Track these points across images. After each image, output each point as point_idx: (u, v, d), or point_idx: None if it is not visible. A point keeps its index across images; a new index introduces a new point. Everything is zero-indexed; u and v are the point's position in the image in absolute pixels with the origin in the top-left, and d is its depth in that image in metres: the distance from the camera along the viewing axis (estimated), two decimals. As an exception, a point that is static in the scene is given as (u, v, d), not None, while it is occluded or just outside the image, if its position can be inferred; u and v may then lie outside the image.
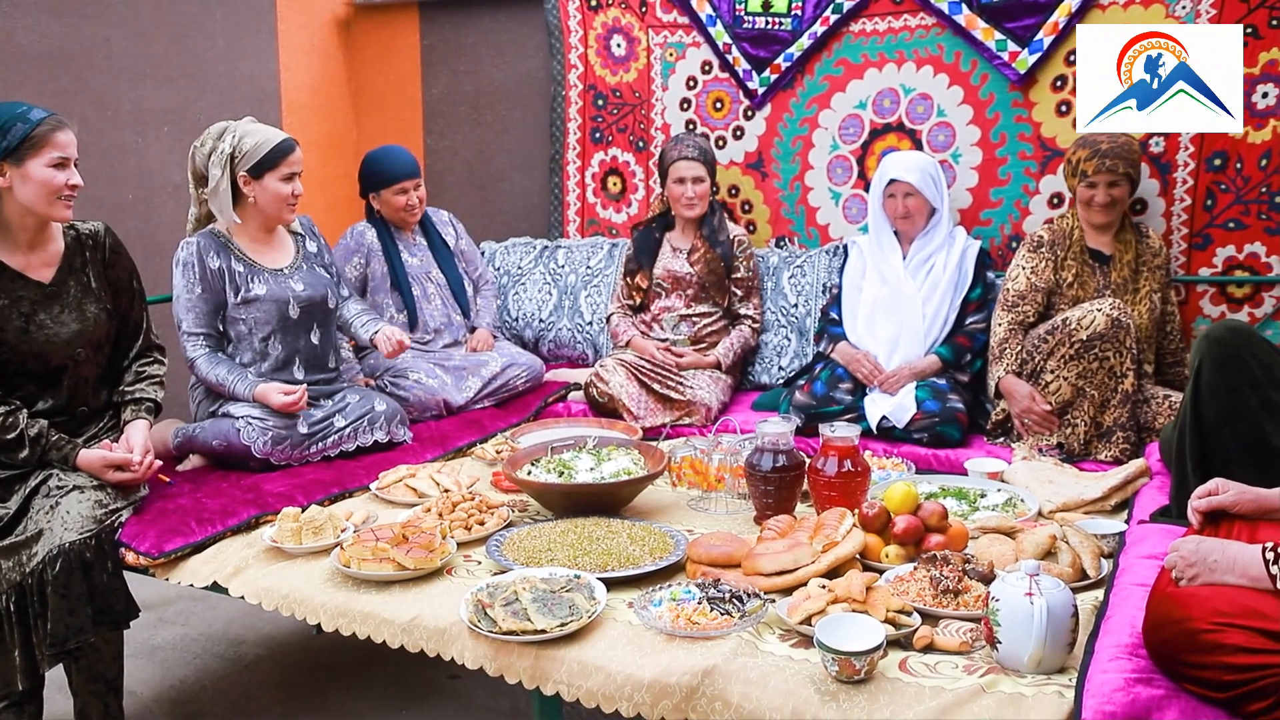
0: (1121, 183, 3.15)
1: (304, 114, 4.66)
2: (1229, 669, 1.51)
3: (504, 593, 2.06)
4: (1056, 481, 2.77)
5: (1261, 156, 3.28)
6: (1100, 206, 3.18)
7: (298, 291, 3.12)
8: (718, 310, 3.81)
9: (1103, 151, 3.14)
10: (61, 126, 2.57)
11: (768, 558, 2.15)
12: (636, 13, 4.21)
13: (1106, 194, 3.16)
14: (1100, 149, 3.15)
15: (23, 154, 2.51)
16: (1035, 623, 1.75)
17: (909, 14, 3.75)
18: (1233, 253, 3.39)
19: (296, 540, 2.42)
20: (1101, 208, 3.18)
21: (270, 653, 3.29)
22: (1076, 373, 2.99)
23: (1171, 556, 1.73)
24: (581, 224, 4.51)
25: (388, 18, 4.82)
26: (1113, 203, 3.18)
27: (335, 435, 3.04)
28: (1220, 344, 2.32)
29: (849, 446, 2.51)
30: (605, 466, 2.74)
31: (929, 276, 3.44)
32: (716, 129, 4.14)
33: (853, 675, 1.76)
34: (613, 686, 1.86)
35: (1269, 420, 2.26)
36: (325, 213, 4.38)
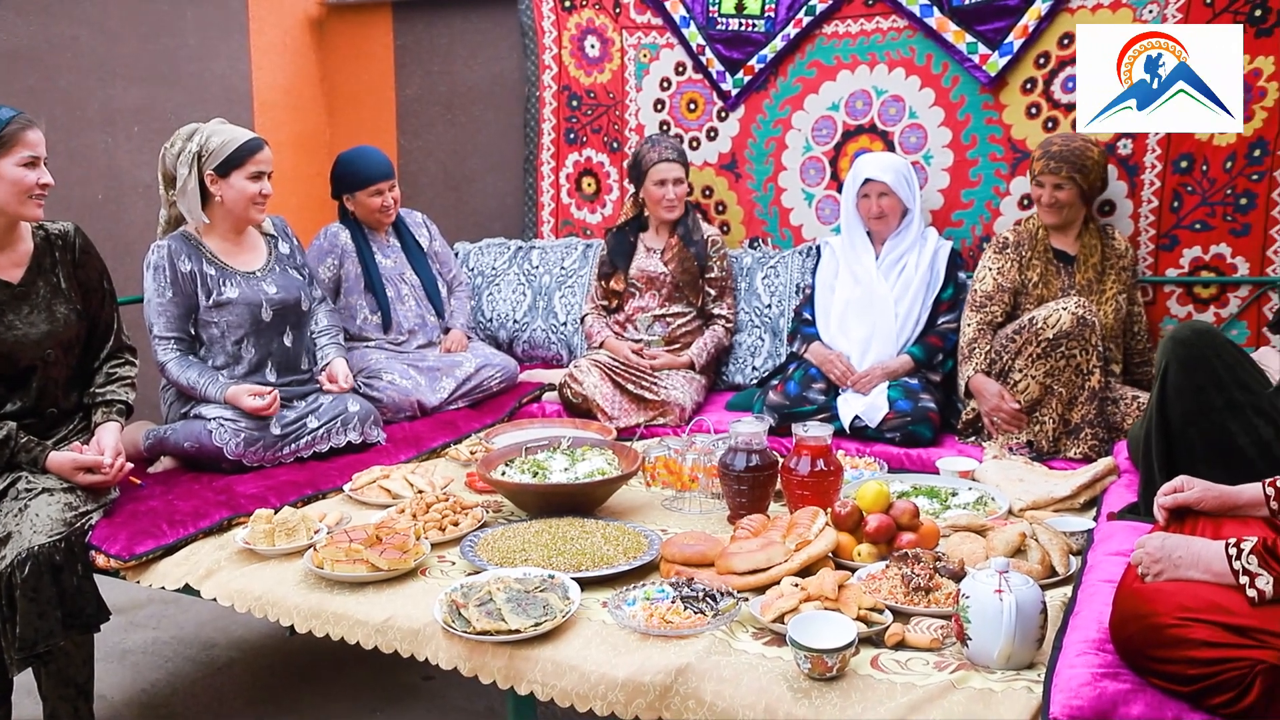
0: (1066, 185, 3.20)
1: (276, 114, 4.64)
2: (1193, 663, 1.53)
3: (478, 593, 2.06)
4: (1026, 480, 2.80)
5: (1226, 159, 3.32)
6: (1046, 207, 3.25)
7: (270, 294, 3.10)
8: (691, 310, 3.82)
9: (1051, 154, 3.20)
10: (30, 125, 2.55)
11: (741, 556, 2.16)
12: (610, 14, 4.22)
13: (1052, 195, 3.22)
14: (1051, 151, 3.21)
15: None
16: (1005, 619, 1.77)
17: (881, 16, 3.77)
18: (1199, 253, 3.43)
19: (269, 542, 2.41)
20: (1047, 208, 3.24)
21: (243, 655, 3.28)
22: (1044, 371, 3.03)
23: (1137, 553, 1.76)
24: (556, 225, 4.51)
25: (361, 17, 4.80)
26: (1058, 204, 3.23)
27: (308, 436, 3.02)
28: (1186, 345, 2.36)
29: (822, 446, 2.53)
30: (579, 467, 2.75)
31: (901, 277, 3.47)
32: (690, 130, 4.15)
33: (825, 672, 1.77)
34: (587, 686, 1.87)
35: (1233, 420, 2.30)
36: (298, 213, 4.36)
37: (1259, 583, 1.58)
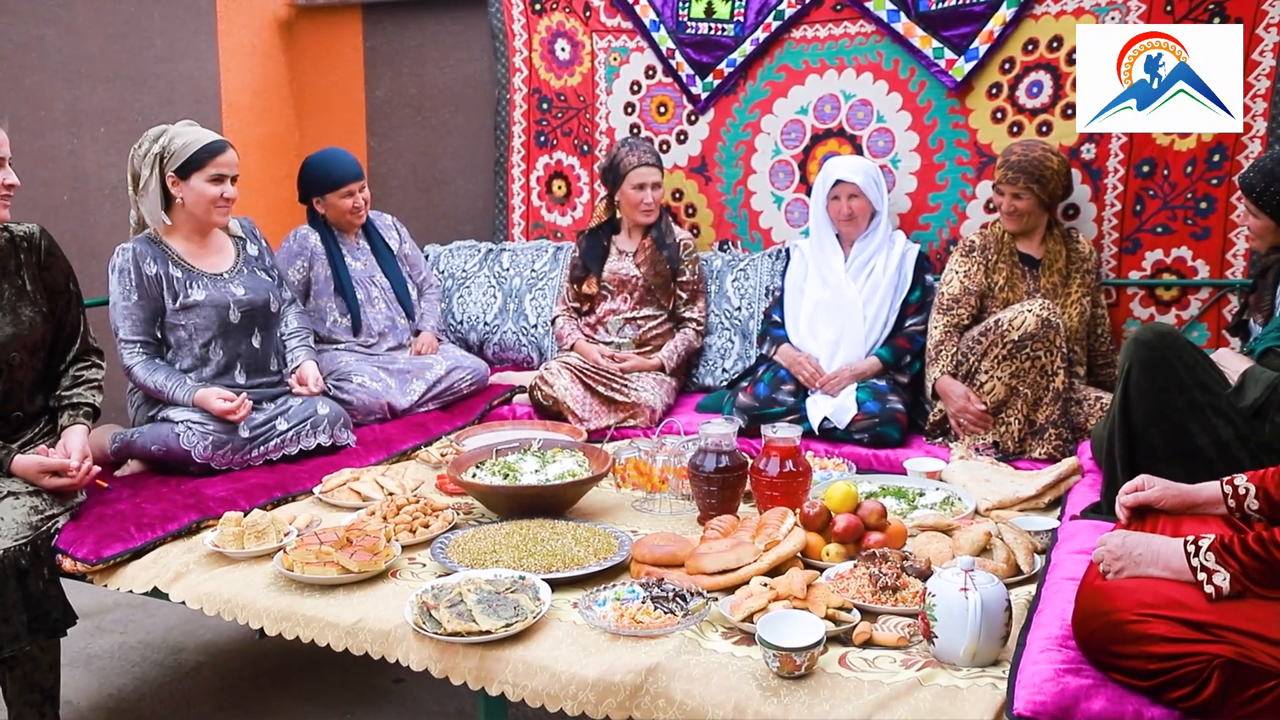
0: (1025, 195, 3.25)
1: (245, 115, 4.62)
2: (1152, 658, 1.56)
3: (449, 594, 2.06)
4: (992, 480, 2.84)
5: (1187, 164, 3.38)
6: (1006, 214, 3.31)
7: (238, 296, 3.09)
8: (662, 313, 3.84)
9: (1010, 163, 3.26)
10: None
11: (711, 557, 2.18)
12: (580, 17, 4.24)
13: (1011, 204, 3.27)
14: (1010, 160, 3.27)
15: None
16: (970, 617, 1.79)
17: (849, 21, 3.81)
18: (1160, 256, 3.49)
19: (239, 544, 2.40)
20: (1007, 215, 3.31)
21: (211, 659, 3.26)
22: (1009, 372, 3.07)
23: (1099, 551, 1.79)
24: (526, 227, 4.52)
25: (330, 19, 4.78)
26: (1015, 213, 3.28)
27: (277, 439, 3.01)
28: (1148, 348, 2.40)
29: (790, 447, 2.55)
30: (550, 469, 2.76)
31: (869, 279, 3.51)
32: (660, 133, 4.17)
33: (794, 671, 1.79)
34: (558, 686, 1.88)
35: (1193, 420, 2.35)
36: (266, 215, 4.34)
37: (1216, 579, 1.62)
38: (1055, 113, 3.54)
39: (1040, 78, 3.55)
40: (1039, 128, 3.55)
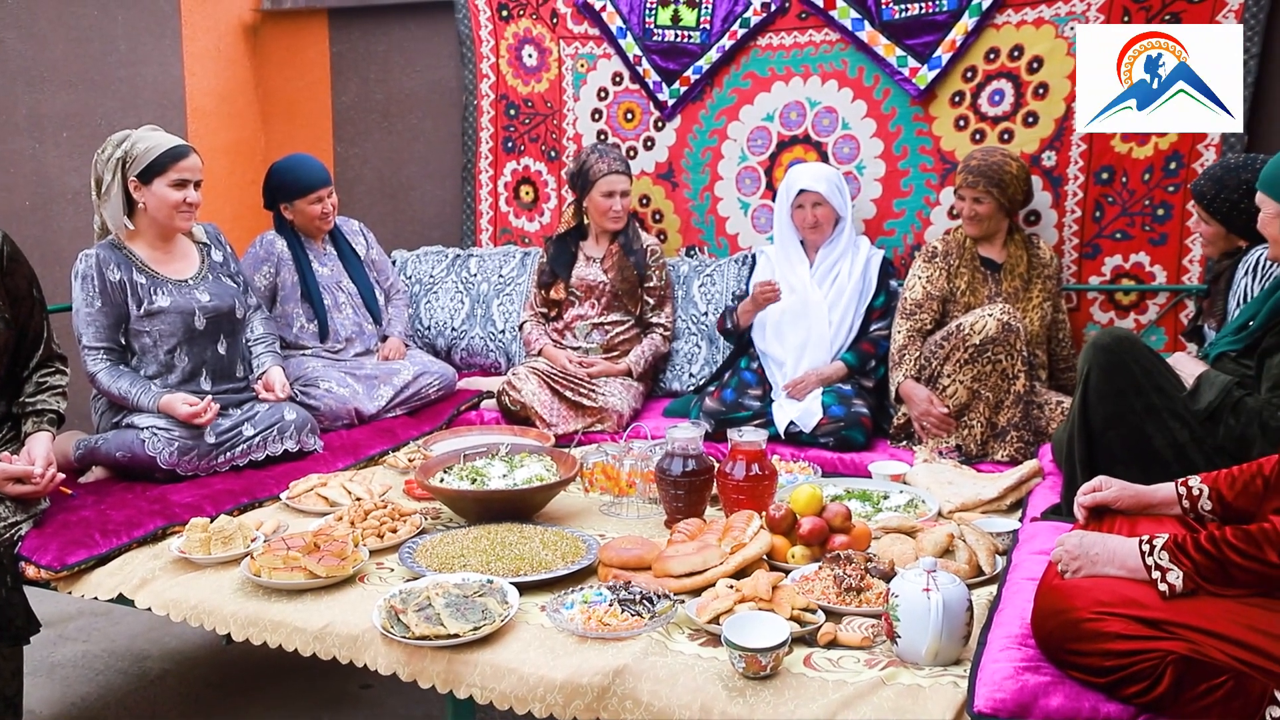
0: (985, 199, 3.30)
1: (210, 121, 4.59)
2: (1108, 655, 1.60)
3: (417, 598, 2.07)
4: (956, 483, 2.88)
5: (1144, 171, 3.44)
6: (967, 219, 3.36)
7: (203, 302, 3.08)
8: (629, 319, 3.86)
9: (971, 168, 3.31)
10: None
11: (677, 560, 2.20)
12: (548, 24, 4.25)
13: (971, 208, 3.33)
14: (970, 165, 3.32)
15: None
16: (932, 617, 1.82)
17: (814, 29, 3.85)
18: (1120, 262, 3.55)
19: (205, 550, 2.40)
20: (968, 220, 3.36)
21: (177, 667, 3.24)
22: (971, 376, 3.11)
23: (1057, 551, 1.82)
24: (494, 233, 4.52)
25: (296, 24, 4.77)
26: (976, 217, 3.33)
27: (244, 445, 3.00)
28: (1106, 352, 2.45)
29: (756, 451, 2.58)
30: (518, 473, 2.77)
31: (834, 285, 3.54)
32: (627, 139, 4.19)
33: (759, 671, 1.81)
34: (525, 688, 1.89)
35: (1150, 423, 2.40)
36: (232, 221, 4.32)
37: (1170, 577, 1.65)
38: (1017, 120, 3.59)
39: (1002, 86, 3.60)
40: (1001, 135, 3.61)
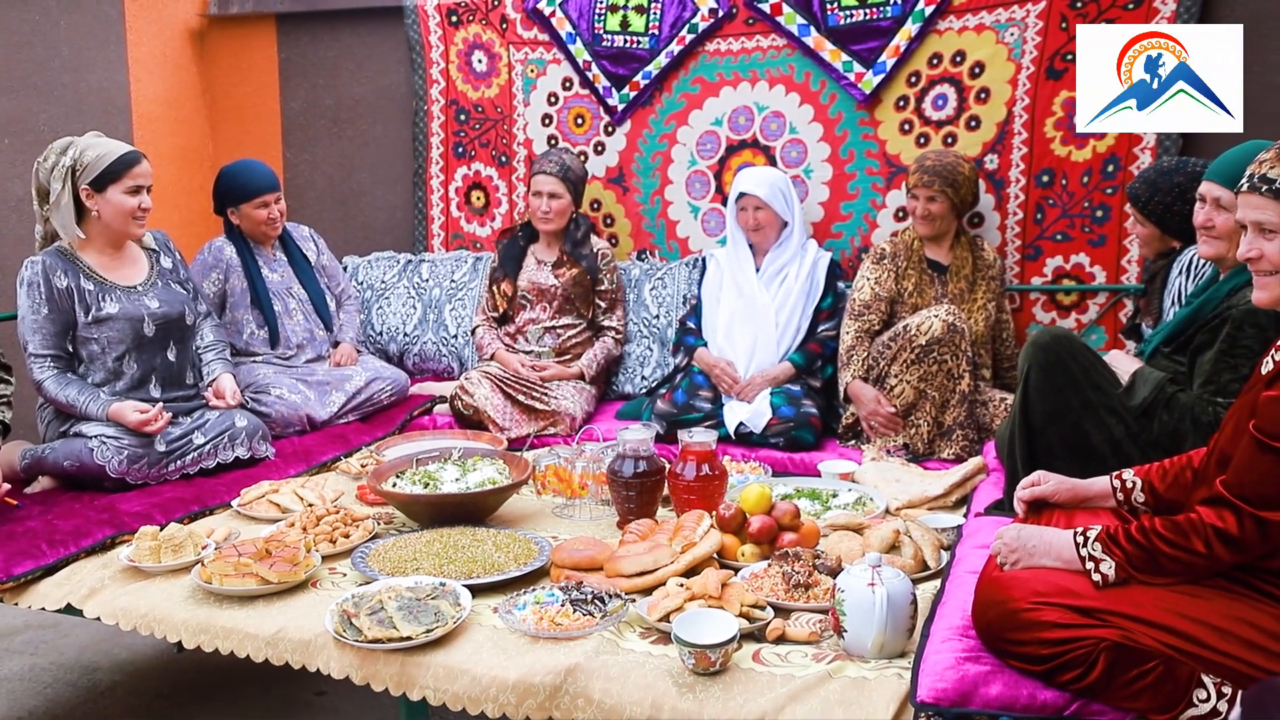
0: (939, 198, 3.36)
1: (157, 126, 4.55)
2: (1044, 643, 1.65)
3: (369, 602, 2.08)
4: (903, 480, 2.93)
5: (1083, 174, 3.52)
6: (920, 219, 3.41)
7: (153, 309, 3.06)
8: (582, 322, 3.88)
9: (925, 168, 3.36)
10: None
11: (629, 559, 2.23)
12: (497, 29, 4.27)
13: (925, 207, 3.38)
14: (925, 165, 3.37)
15: None
16: (877, 610, 1.87)
17: (761, 35, 3.89)
18: (1061, 263, 3.63)
19: (155, 559, 2.39)
20: (922, 220, 3.41)
21: (127, 679, 3.21)
22: (918, 376, 3.17)
23: (996, 544, 1.88)
24: (445, 238, 4.53)
25: (243, 29, 4.74)
26: (929, 216, 3.39)
27: (194, 452, 2.99)
28: (1045, 350, 2.52)
29: (707, 451, 2.61)
30: (470, 477, 2.78)
31: (782, 287, 3.59)
32: (578, 144, 4.21)
33: (708, 667, 1.84)
34: (478, 689, 1.91)
35: (1088, 419, 2.47)
36: (181, 228, 4.28)
37: (1103, 567, 1.71)
38: (960, 124, 3.66)
39: (945, 91, 3.67)
40: (944, 139, 3.68)
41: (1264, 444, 1.62)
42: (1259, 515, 1.61)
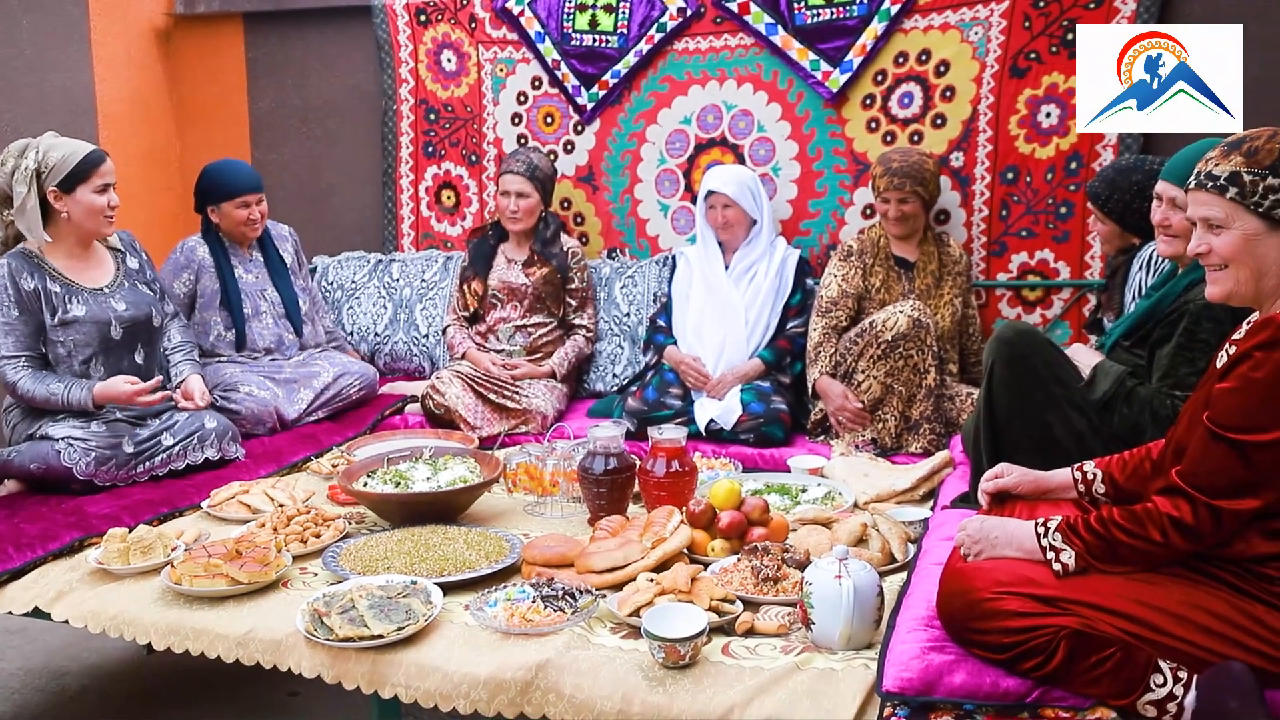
0: (910, 199, 3.39)
1: (122, 126, 4.52)
2: (1007, 632, 1.68)
3: (341, 601, 2.08)
4: (871, 475, 2.96)
5: (1047, 171, 3.57)
6: (893, 220, 3.44)
7: (120, 311, 3.05)
8: (553, 320, 3.89)
9: (893, 170, 3.39)
10: None
11: (599, 555, 2.24)
12: (466, 28, 4.27)
13: (897, 209, 3.41)
14: (892, 167, 3.39)
15: None
16: (844, 603, 1.89)
17: (729, 34, 3.92)
18: (1026, 259, 3.67)
19: (124, 561, 2.38)
20: (894, 221, 3.44)
21: (96, 683, 3.19)
22: (884, 371, 3.20)
23: (960, 535, 1.91)
24: (416, 237, 4.53)
25: (210, 29, 4.71)
26: (903, 217, 3.43)
27: (163, 454, 2.98)
28: (1009, 345, 2.55)
29: (677, 448, 2.63)
30: (442, 475, 2.78)
31: (751, 284, 3.62)
32: (548, 143, 4.22)
33: (678, 661, 1.86)
34: (450, 685, 1.92)
35: (1051, 413, 2.50)
36: (147, 229, 4.25)
37: (1063, 557, 1.74)
38: (926, 122, 3.70)
39: (911, 89, 3.71)
40: (911, 137, 3.71)
41: (1217, 434, 1.65)
42: (1213, 504, 1.64)
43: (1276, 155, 1.66)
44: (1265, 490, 1.63)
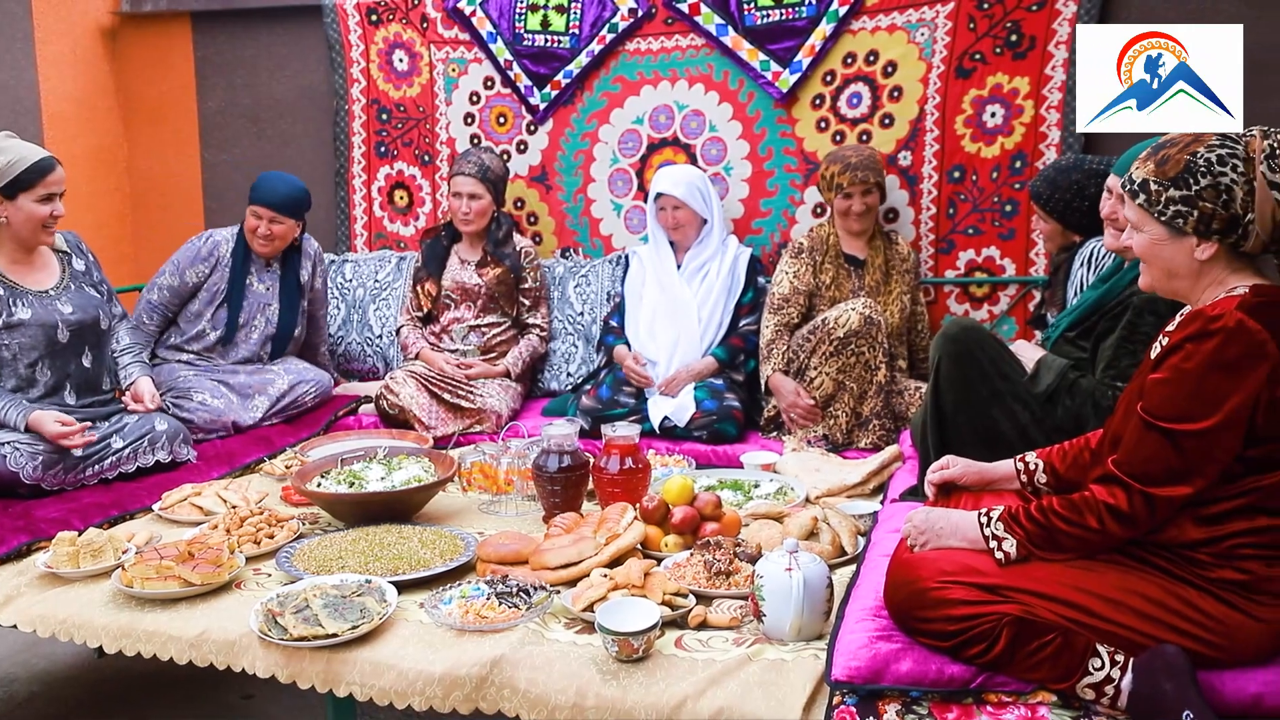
0: (873, 190, 3.45)
1: (68, 127, 4.46)
2: (951, 620, 1.72)
3: (294, 600, 2.08)
4: (823, 470, 3.01)
5: (993, 170, 3.64)
6: (857, 215, 3.47)
7: (66, 314, 3.01)
8: (507, 320, 3.90)
9: (854, 165, 3.42)
10: None
11: (553, 552, 2.26)
12: (418, 28, 4.26)
13: (862, 202, 3.45)
14: (850, 162, 3.43)
15: None
16: (794, 594, 1.93)
17: (680, 35, 3.95)
18: (973, 256, 3.74)
19: (74, 564, 2.36)
20: (858, 215, 3.47)
21: (46, 689, 3.15)
22: (836, 368, 3.25)
23: (906, 526, 1.95)
24: (369, 238, 4.51)
25: (158, 28, 4.66)
26: (867, 210, 3.47)
27: (113, 457, 2.95)
28: (955, 341, 2.61)
29: (630, 445, 2.66)
30: (396, 475, 2.79)
31: (704, 283, 3.65)
32: (501, 143, 4.23)
33: (631, 654, 1.89)
34: (405, 683, 1.93)
35: (996, 407, 2.56)
36: (93, 230, 4.21)
37: (1005, 546, 1.79)
38: (874, 122, 3.75)
39: (859, 89, 3.76)
40: (860, 136, 3.76)
41: (1150, 424, 1.70)
42: (1147, 492, 1.69)
43: (1182, 167, 1.71)
44: (1196, 478, 1.68)
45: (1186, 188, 1.71)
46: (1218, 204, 1.69)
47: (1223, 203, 1.69)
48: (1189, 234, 1.73)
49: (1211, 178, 1.69)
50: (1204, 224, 1.71)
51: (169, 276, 3.61)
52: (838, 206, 3.51)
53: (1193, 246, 1.74)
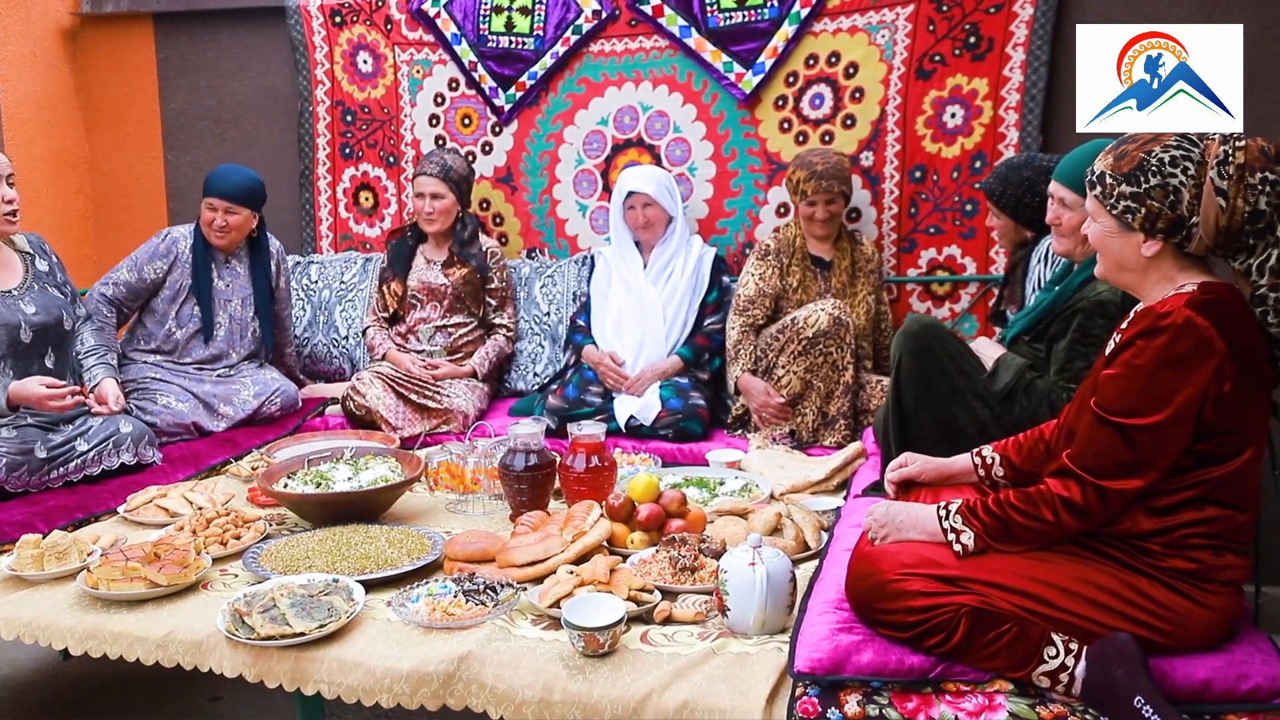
0: (837, 199, 3.48)
1: (28, 128, 4.42)
2: (911, 611, 1.76)
3: (262, 600, 2.09)
4: (787, 466, 3.04)
5: (953, 170, 3.69)
6: (820, 222, 3.50)
7: (29, 314, 2.99)
8: (473, 320, 3.91)
9: (819, 173, 3.45)
10: None
11: (520, 549, 2.28)
12: (382, 30, 4.26)
13: (825, 210, 3.48)
14: (816, 170, 3.45)
15: None
16: (757, 589, 1.96)
17: (644, 36, 3.97)
18: (934, 255, 3.79)
19: (38, 566, 2.35)
20: (821, 223, 3.51)
21: (9, 694, 3.13)
22: (804, 367, 3.28)
23: (867, 520, 1.98)
24: (334, 239, 4.50)
25: (119, 29, 4.63)
26: (831, 218, 3.51)
27: (78, 459, 2.94)
28: (915, 339, 2.65)
29: (596, 443, 2.68)
30: (363, 475, 2.79)
31: (668, 282, 3.68)
32: (466, 144, 4.24)
33: (597, 649, 1.91)
34: (372, 680, 1.94)
35: (955, 403, 2.61)
36: (56, 232, 4.18)
37: (963, 538, 1.83)
38: (836, 123, 3.79)
39: (822, 90, 3.80)
40: (822, 137, 3.80)
41: (1102, 419, 1.75)
42: (1099, 485, 1.74)
43: (1136, 164, 1.76)
44: (1148, 471, 1.73)
45: (1137, 184, 1.75)
46: (1165, 204, 1.74)
47: (1170, 203, 1.74)
48: (1136, 230, 1.78)
49: (1161, 178, 1.74)
50: (1150, 222, 1.76)
51: (126, 272, 3.59)
52: (802, 212, 3.54)
53: (1139, 242, 1.79)
